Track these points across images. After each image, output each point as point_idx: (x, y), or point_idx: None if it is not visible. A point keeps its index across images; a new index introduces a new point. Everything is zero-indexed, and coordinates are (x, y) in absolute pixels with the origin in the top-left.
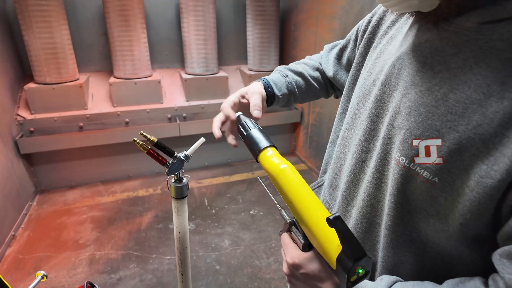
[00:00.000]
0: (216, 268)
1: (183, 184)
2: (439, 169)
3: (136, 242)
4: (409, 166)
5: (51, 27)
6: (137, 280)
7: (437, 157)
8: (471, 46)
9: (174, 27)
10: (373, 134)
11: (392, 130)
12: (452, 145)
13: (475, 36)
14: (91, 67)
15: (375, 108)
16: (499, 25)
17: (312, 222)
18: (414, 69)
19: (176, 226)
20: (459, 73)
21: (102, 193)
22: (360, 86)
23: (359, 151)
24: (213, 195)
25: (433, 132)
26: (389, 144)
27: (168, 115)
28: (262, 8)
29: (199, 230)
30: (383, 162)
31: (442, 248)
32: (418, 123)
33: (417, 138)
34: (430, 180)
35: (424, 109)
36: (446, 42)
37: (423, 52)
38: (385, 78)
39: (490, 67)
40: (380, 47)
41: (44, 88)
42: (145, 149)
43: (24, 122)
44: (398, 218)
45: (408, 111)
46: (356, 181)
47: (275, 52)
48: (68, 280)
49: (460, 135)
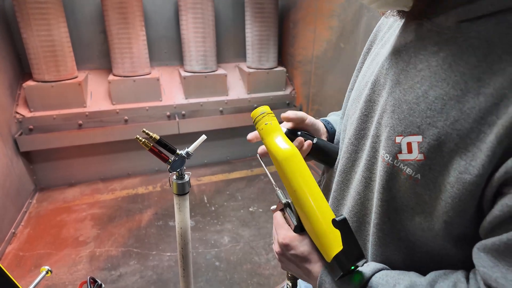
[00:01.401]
0: (215, 264)
1: (184, 180)
2: (420, 165)
3: (136, 239)
4: (393, 163)
5: (50, 25)
6: (138, 276)
7: (418, 153)
8: (450, 44)
9: (172, 25)
10: (363, 134)
11: (379, 128)
12: (432, 141)
13: (454, 35)
14: (90, 65)
15: (365, 108)
16: (476, 22)
17: (313, 216)
18: (400, 68)
19: (177, 222)
20: (439, 70)
21: (101, 191)
22: (355, 89)
23: (349, 150)
24: (213, 192)
25: (414, 128)
26: (377, 143)
27: (167, 112)
28: (260, 6)
29: (198, 227)
30: (372, 161)
31: (430, 247)
32: (401, 120)
33: (400, 135)
34: (413, 177)
35: (406, 106)
36: (428, 41)
37: (407, 51)
38: (374, 78)
39: (467, 64)
40: (375, 51)
41: (43, 86)
42: (147, 146)
43: (23, 120)
44: (385, 216)
45: (392, 109)
46: (347, 180)
47: (274, 49)
48: (69, 277)
49: (439, 131)
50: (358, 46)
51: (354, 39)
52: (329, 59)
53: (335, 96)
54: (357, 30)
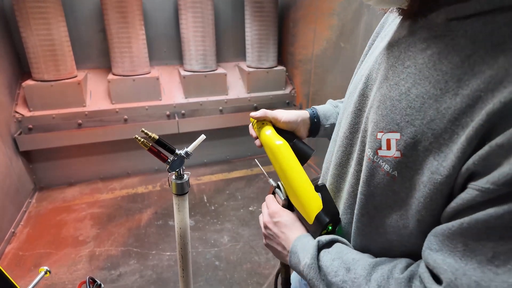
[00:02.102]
0: (215, 264)
1: (184, 180)
2: (397, 162)
3: (136, 238)
4: (373, 158)
5: (49, 24)
6: (137, 276)
7: (395, 150)
8: (438, 42)
9: (172, 24)
10: (357, 128)
11: (367, 123)
12: (409, 139)
13: (442, 33)
14: (89, 64)
15: (359, 102)
16: (465, 22)
17: (298, 186)
18: (389, 64)
19: (177, 222)
20: (423, 68)
21: (101, 190)
22: (352, 82)
23: (344, 144)
24: (212, 191)
25: (394, 125)
26: (365, 137)
27: (166, 112)
28: (260, 5)
29: (198, 227)
30: (362, 155)
31: (406, 248)
32: (383, 116)
33: (381, 131)
34: (390, 174)
35: (390, 102)
36: (418, 37)
37: (399, 47)
38: (368, 73)
39: (450, 64)
40: (375, 44)
41: (42, 85)
42: (146, 146)
43: (22, 120)
44: (364, 209)
45: (378, 105)
46: (342, 174)
47: (274, 49)
48: (69, 276)
49: (416, 129)
50: (358, 45)
51: (354, 38)
52: (329, 58)
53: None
54: (357, 29)
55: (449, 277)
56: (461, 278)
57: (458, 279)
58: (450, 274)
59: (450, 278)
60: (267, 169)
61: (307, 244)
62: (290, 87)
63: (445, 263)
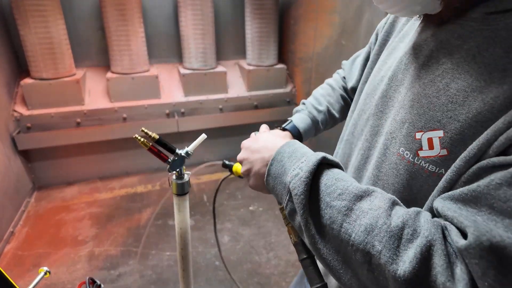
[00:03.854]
0: (215, 264)
1: (184, 180)
2: (443, 160)
3: (135, 238)
4: (413, 160)
5: (47, 22)
6: (137, 276)
7: (440, 149)
8: (476, 36)
9: (171, 21)
10: (377, 130)
11: (395, 124)
12: (455, 136)
13: (479, 27)
14: (88, 62)
15: (381, 104)
16: (505, 15)
17: None
18: (420, 63)
19: (177, 223)
20: (461, 62)
21: (100, 190)
22: (369, 83)
23: (364, 147)
24: (212, 191)
25: (435, 123)
26: (390, 140)
27: (166, 110)
28: (260, 2)
29: (198, 226)
30: (382, 158)
31: None
32: (420, 115)
33: (420, 130)
34: (436, 173)
35: (426, 100)
36: (451, 34)
37: (429, 45)
38: (392, 74)
39: (493, 55)
40: (393, 45)
41: (41, 84)
42: (146, 145)
43: (21, 118)
44: None
45: (411, 104)
46: (359, 178)
47: (274, 46)
48: (68, 276)
49: (462, 124)
50: (360, 43)
51: (356, 36)
52: (330, 56)
53: None
54: (359, 27)
55: (483, 227)
56: (497, 231)
57: (494, 230)
58: (483, 225)
59: (485, 228)
60: None
61: (300, 150)
62: (291, 86)
63: (468, 220)
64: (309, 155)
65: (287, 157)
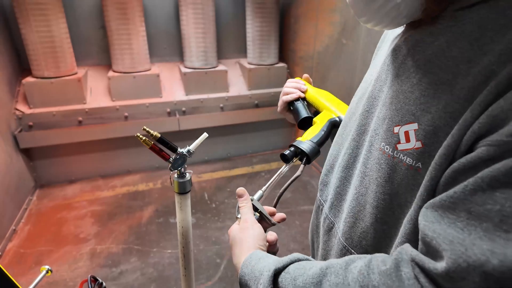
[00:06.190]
0: (217, 261)
1: (186, 179)
2: (419, 153)
3: (137, 236)
4: (393, 154)
5: (49, 21)
6: (138, 273)
7: (416, 141)
8: (446, 32)
9: (172, 20)
10: (364, 129)
11: (378, 122)
12: (427, 127)
13: (448, 24)
14: (90, 61)
15: (367, 104)
16: (471, 10)
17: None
18: (399, 62)
19: (179, 221)
20: (432, 57)
21: (102, 188)
22: (360, 87)
23: (352, 146)
24: (213, 189)
25: (410, 116)
26: (374, 136)
27: (167, 109)
28: (261, 1)
29: (199, 224)
30: (368, 155)
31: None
32: (398, 110)
33: (397, 124)
34: (414, 166)
35: (403, 96)
36: (425, 33)
37: (407, 45)
38: (377, 75)
39: (460, 49)
40: (380, 49)
41: (43, 82)
42: (148, 144)
43: (23, 117)
44: (389, 210)
45: (391, 101)
46: (349, 176)
47: (275, 45)
48: (70, 274)
49: (433, 116)
50: (361, 41)
51: (356, 34)
52: (331, 55)
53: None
54: (360, 26)
55: (458, 248)
56: (472, 248)
57: (469, 249)
58: (458, 245)
59: (460, 249)
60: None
61: (258, 267)
62: None
63: (447, 234)
64: (264, 274)
65: (248, 279)
